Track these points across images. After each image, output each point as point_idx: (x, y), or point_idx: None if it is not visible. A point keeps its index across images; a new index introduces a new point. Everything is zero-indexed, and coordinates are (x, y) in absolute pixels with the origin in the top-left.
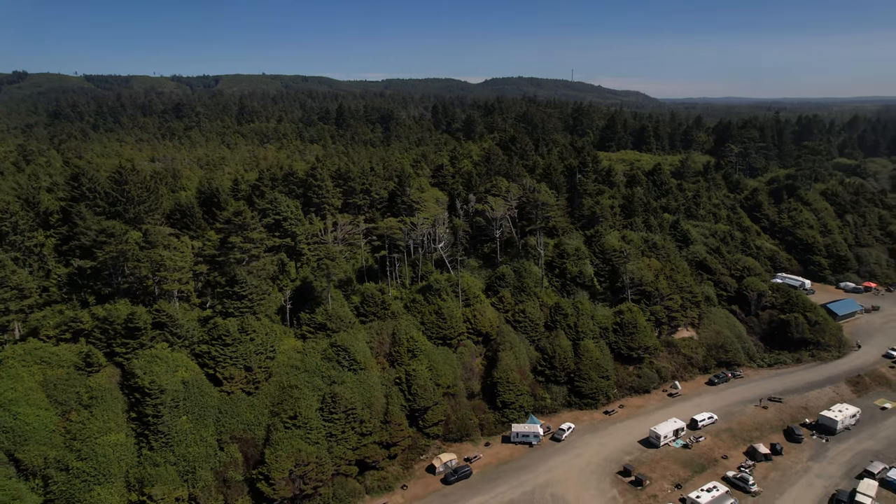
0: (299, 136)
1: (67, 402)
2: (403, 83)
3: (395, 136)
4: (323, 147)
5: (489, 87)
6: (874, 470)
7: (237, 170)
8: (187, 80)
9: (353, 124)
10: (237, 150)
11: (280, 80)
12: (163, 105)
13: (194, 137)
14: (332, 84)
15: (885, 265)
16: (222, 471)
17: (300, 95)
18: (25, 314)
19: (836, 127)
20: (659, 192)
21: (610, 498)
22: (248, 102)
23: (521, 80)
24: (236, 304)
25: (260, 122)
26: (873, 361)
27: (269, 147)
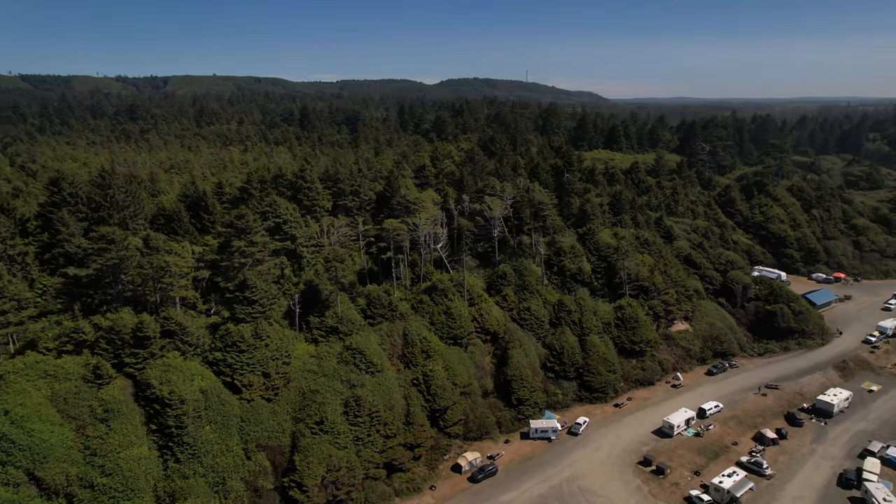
0: (263, 138)
1: (81, 416)
2: (359, 84)
3: (363, 137)
4: (289, 149)
5: (446, 87)
6: (874, 449)
7: (203, 172)
8: (134, 80)
9: (318, 126)
10: (199, 153)
11: (232, 82)
12: (114, 106)
13: (152, 140)
14: (286, 85)
15: (851, 256)
16: (252, 480)
17: (257, 97)
18: (24, 326)
19: (788, 126)
20: (638, 189)
21: (635, 487)
22: (206, 104)
23: (476, 81)
24: (247, 310)
25: (220, 125)
26: (854, 347)
27: (232, 150)
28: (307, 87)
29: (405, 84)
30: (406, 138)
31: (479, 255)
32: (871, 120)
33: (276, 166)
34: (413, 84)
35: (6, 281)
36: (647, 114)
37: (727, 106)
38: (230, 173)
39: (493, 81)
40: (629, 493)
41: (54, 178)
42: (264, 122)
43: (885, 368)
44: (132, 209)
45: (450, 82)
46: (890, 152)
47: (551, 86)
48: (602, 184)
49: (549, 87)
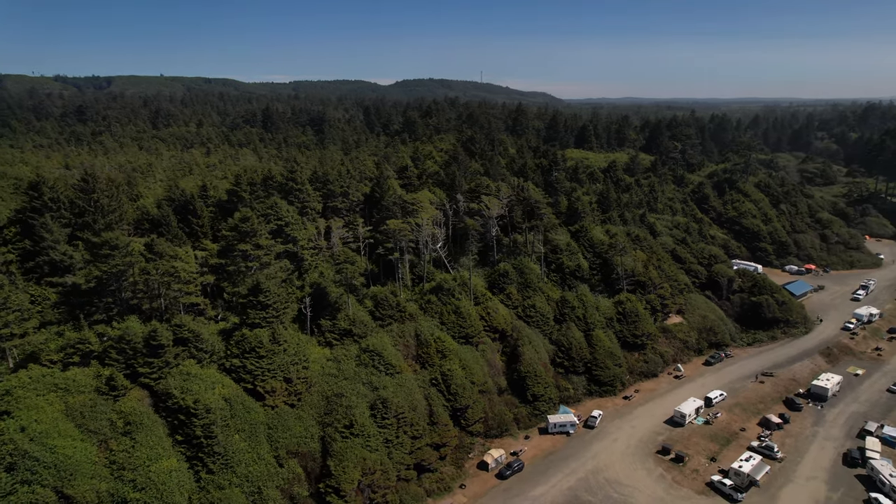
0: (226, 140)
1: (101, 430)
2: (313, 85)
3: (330, 138)
4: (254, 151)
5: (401, 88)
6: (871, 428)
7: (169, 175)
8: (74, 80)
9: (281, 127)
10: (160, 155)
11: (181, 83)
12: (59, 107)
13: (107, 143)
14: (237, 86)
15: (819, 249)
16: (287, 488)
17: (211, 98)
18: (28, 338)
19: (742, 125)
20: (618, 187)
21: (658, 476)
22: (161, 106)
23: (432, 82)
24: (261, 314)
25: (178, 127)
26: (835, 334)
27: (194, 152)
28: (260, 88)
29: (360, 85)
30: (375, 139)
31: (476, 255)
32: (816, 120)
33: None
34: (368, 85)
35: (8, 291)
36: (607, 113)
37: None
38: (197, 177)
39: (448, 82)
40: (654, 482)
41: (34, 182)
42: (224, 123)
43: (866, 353)
44: (117, 214)
45: (405, 83)
46: (838, 150)
47: (505, 86)
48: (585, 182)
49: (504, 88)
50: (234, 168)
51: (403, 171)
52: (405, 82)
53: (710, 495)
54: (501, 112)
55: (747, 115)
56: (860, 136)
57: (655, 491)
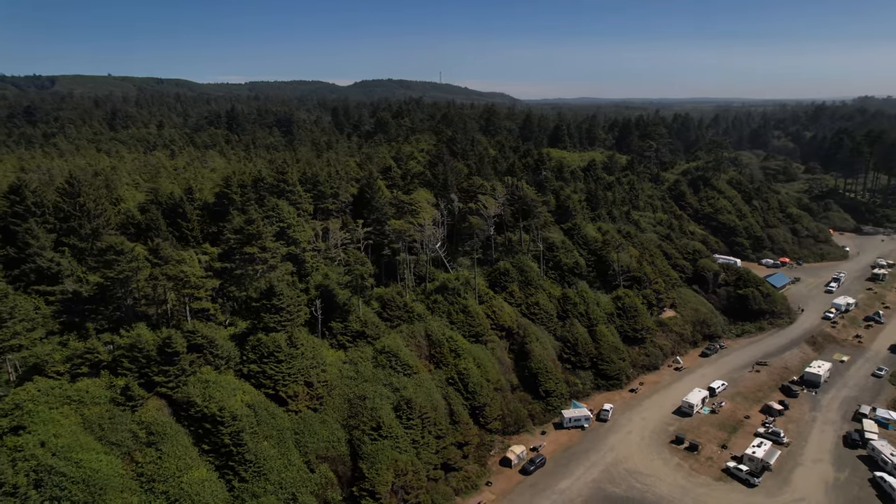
0: (190, 143)
1: (123, 442)
2: (270, 86)
3: (299, 139)
4: (221, 153)
5: (360, 89)
6: (865, 411)
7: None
8: (13, 79)
9: (248, 128)
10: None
11: (132, 83)
12: (6, 109)
13: (62, 145)
14: (192, 87)
15: (791, 242)
16: (321, 493)
17: (167, 99)
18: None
19: (703, 124)
20: (599, 186)
21: (675, 465)
22: (118, 107)
23: (391, 83)
24: (276, 318)
25: (137, 128)
26: (818, 324)
27: (157, 154)
28: (215, 89)
29: (319, 85)
30: (347, 141)
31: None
32: (771, 119)
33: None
34: (327, 85)
35: (14, 300)
36: (573, 114)
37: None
38: (167, 179)
39: (407, 83)
40: (672, 471)
41: (14, 185)
42: (187, 125)
43: (847, 340)
44: (103, 218)
45: (364, 83)
46: (794, 148)
47: (464, 87)
48: (570, 181)
49: (462, 88)
50: (203, 171)
51: (387, 172)
52: (364, 83)
53: (728, 481)
54: (473, 112)
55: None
56: (814, 134)
57: (676, 479)
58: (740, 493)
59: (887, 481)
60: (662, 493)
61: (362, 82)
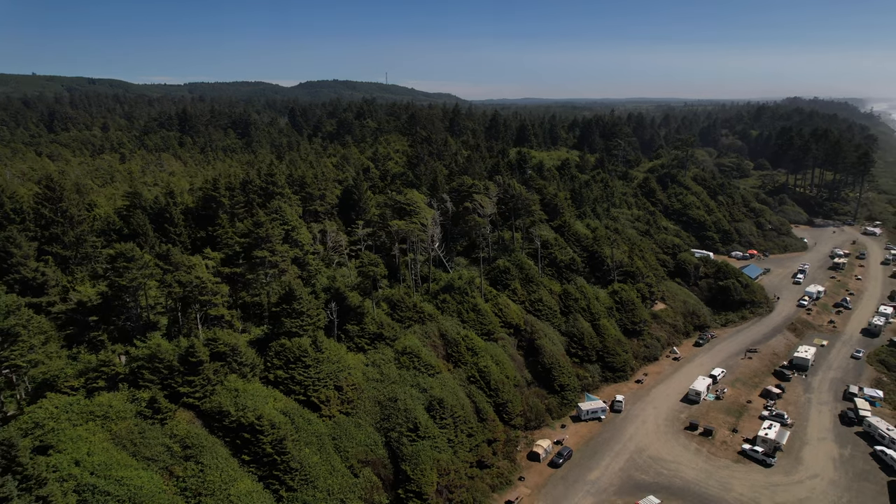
0: (141, 145)
1: (158, 456)
2: (210, 87)
3: (257, 141)
4: (175, 156)
5: (304, 90)
6: (854, 391)
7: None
8: None
9: (202, 130)
10: (68, 162)
11: (59, 82)
12: None
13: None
14: (126, 87)
15: (757, 235)
16: (368, 497)
17: (104, 100)
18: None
19: (656, 123)
20: (575, 184)
21: (694, 450)
22: (56, 108)
23: (336, 83)
24: (297, 322)
25: (79, 131)
26: (794, 311)
27: (107, 158)
28: (152, 90)
29: (262, 86)
30: (307, 142)
31: (465, 253)
32: (718, 118)
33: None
34: (270, 86)
35: (26, 314)
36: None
37: (577, 105)
38: (124, 184)
39: (353, 83)
40: (693, 455)
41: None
42: (134, 127)
43: (823, 326)
44: (87, 225)
45: (309, 84)
46: (743, 146)
47: (410, 87)
48: (550, 179)
49: (409, 89)
50: (161, 175)
51: (365, 173)
52: (309, 83)
53: (746, 463)
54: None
55: (647, 113)
56: (760, 133)
57: (698, 463)
58: (759, 474)
59: (888, 454)
60: (689, 478)
61: (307, 83)
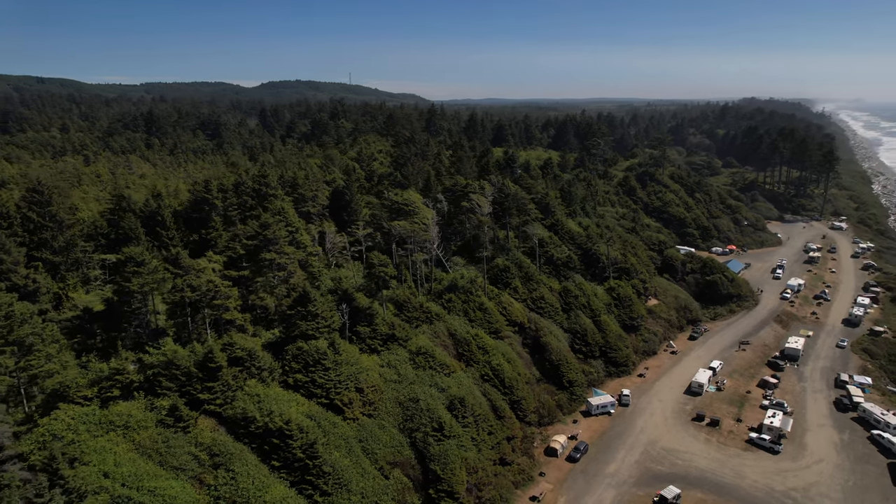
0: (106, 147)
1: (185, 465)
2: (168, 87)
3: (228, 143)
4: (144, 159)
5: (267, 90)
6: (845, 378)
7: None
8: None
9: (170, 132)
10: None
11: (5, 81)
12: None
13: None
14: (79, 87)
15: (734, 231)
16: (401, 499)
17: (58, 100)
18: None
19: (625, 123)
20: (557, 183)
21: (704, 440)
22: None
23: (299, 84)
24: (312, 325)
25: (36, 132)
26: (778, 304)
27: (70, 161)
28: (107, 90)
29: (222, 87)
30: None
31: (459, 253)
32: (684, 118)
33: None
34: (231, 87)
35: (40, 323)
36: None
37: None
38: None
39: (316, 84)
40: (704, 445)
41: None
42: (95, 128)
43: (807, 318)
44: (77, 228)
45: (271, 84)
46: (710, 144)
47: (374, 88)
48: (538, 178)
49: (373, 90)
50: (131, 178)
51: (351, 174)
52: (271, 84)
53: (755, 451)
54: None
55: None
56: (726, 132)
57: (710, 453)
58: (769, 461)
59: (885, 437)
60: (703, 467)
61: (269, 83)
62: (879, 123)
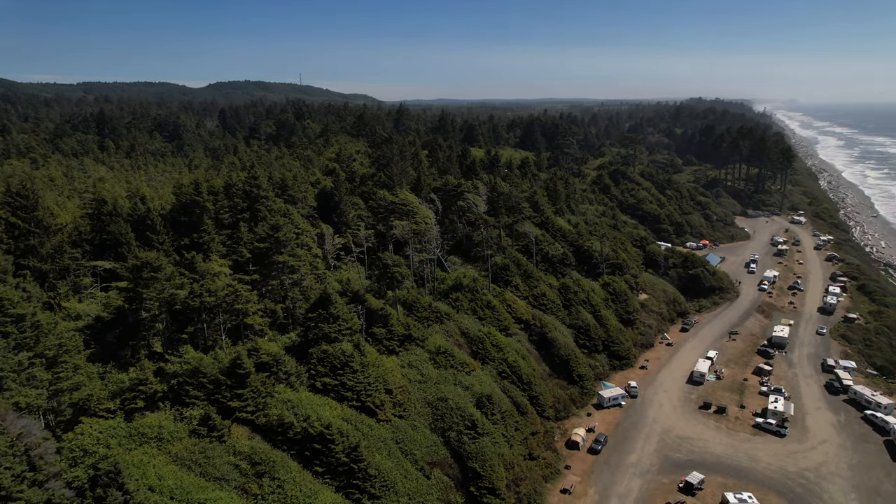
0: (55, 150)
1: (227, 475)
2: (108, 87)
3: (189, 145)
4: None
5: (215, 90)
6: (831, 363)
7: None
8: None
9: (124, 133)
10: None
11: None
12: None
13: None
14: (10, 86)
15: (706, 226)
16: (445, 498)
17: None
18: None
19: (585, 122)
20: (536, 182)
21: (714, 427)
22: None
23: (249, 84)
24: (334, 327)
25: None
26: (757, 295)
27: (14, 164)
28: (41, 90)
29: (167, 87)
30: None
31: (452, 252)
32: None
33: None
34: (176, 87)
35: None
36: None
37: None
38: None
39: (266, 84)
40: (715, 432)
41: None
42: (40, 129)
43: (785, 307)
44: (65, 234)
45: (219, 85)
46: (669, 143)
47: (325, 88)
48: (521, 178)
49: (324, 90)
50: (87, 182)
51: (331, 174)
52: (219, 84)
53: (763, 435)
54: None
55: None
56: (684, 131)
57: (722, 439)
58: (777, 443)
59: (878, 416)
60: (719, 453)
61: (217, 84)
62: (813, 123)
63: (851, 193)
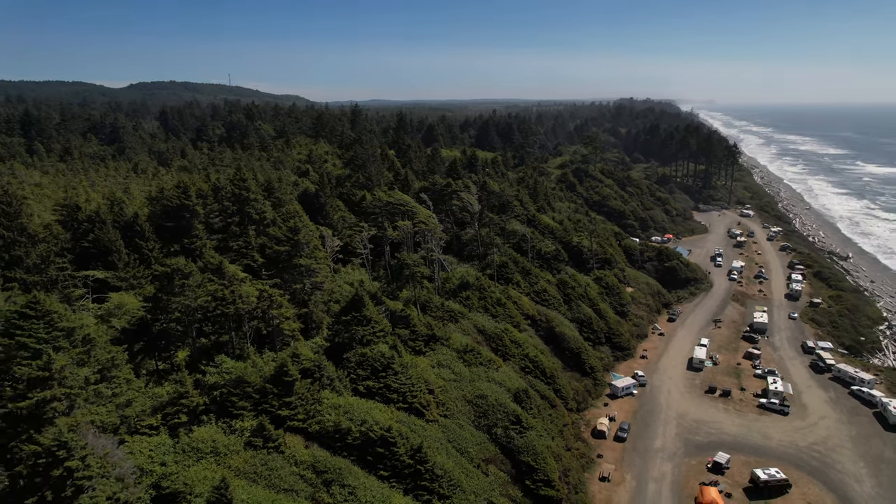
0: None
1: (294, 486)
2: (14, 86)
3: (131, 148)
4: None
5: (137, 91)
6: (811, 345)
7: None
8: None
9: (55, 136)
10: None
11: None
12: None
13: None
14: None
15: (668, 221)
16: (505, 493)
17: None
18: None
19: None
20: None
21: (723, 409)
22: None
23: (174, 85)
24: (368, 329)
25: None
26: (729, 285)
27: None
28: None
29: (82, 87)
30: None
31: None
32: (586, 117)
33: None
34: (93, 87)
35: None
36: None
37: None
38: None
39: (194, 85)
40: (725, 414)
41: None
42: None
43: (756, 295)
44: (53, 243)
45: (142, 86)
46: (616, 142)
47: (255, 89)
48: (493, 176)
49: (254, 91)
50: (24, 189)
51: (304, 176)
52: (142, 85)
53: (769, 414)
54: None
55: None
56: (628, 130)
57: (733, 420)
58: (783, 421)
59: (864, 391)
60: (734, 433)
61: (140, 84)
62: (733, 122)
63: (782, 188)
